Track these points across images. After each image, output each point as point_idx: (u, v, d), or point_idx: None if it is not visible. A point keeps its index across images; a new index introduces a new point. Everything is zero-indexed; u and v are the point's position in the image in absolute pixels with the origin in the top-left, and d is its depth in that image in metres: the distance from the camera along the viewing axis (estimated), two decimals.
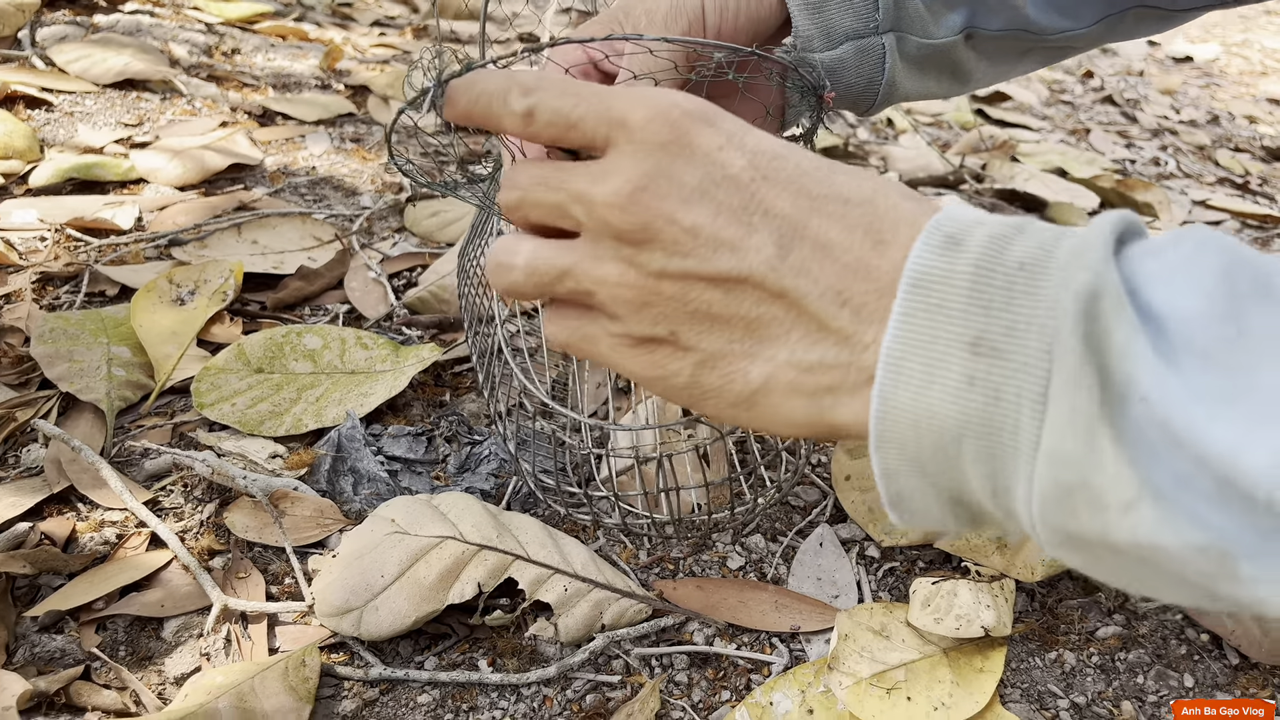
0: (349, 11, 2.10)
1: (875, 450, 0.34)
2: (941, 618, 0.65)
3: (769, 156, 0.37)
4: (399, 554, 0.65)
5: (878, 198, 0.36)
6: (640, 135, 0.37)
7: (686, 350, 0.38)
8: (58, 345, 0.84)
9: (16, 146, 1.15)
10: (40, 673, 0.61)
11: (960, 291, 0.31)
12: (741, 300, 0.36)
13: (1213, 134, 2.13)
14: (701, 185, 0.36)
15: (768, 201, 0.36)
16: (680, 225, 0.36)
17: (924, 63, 0.62)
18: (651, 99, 0.38)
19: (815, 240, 0.35)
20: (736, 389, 0.37)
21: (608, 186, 0.37)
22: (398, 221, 1.16)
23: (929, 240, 0.33)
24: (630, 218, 0.37)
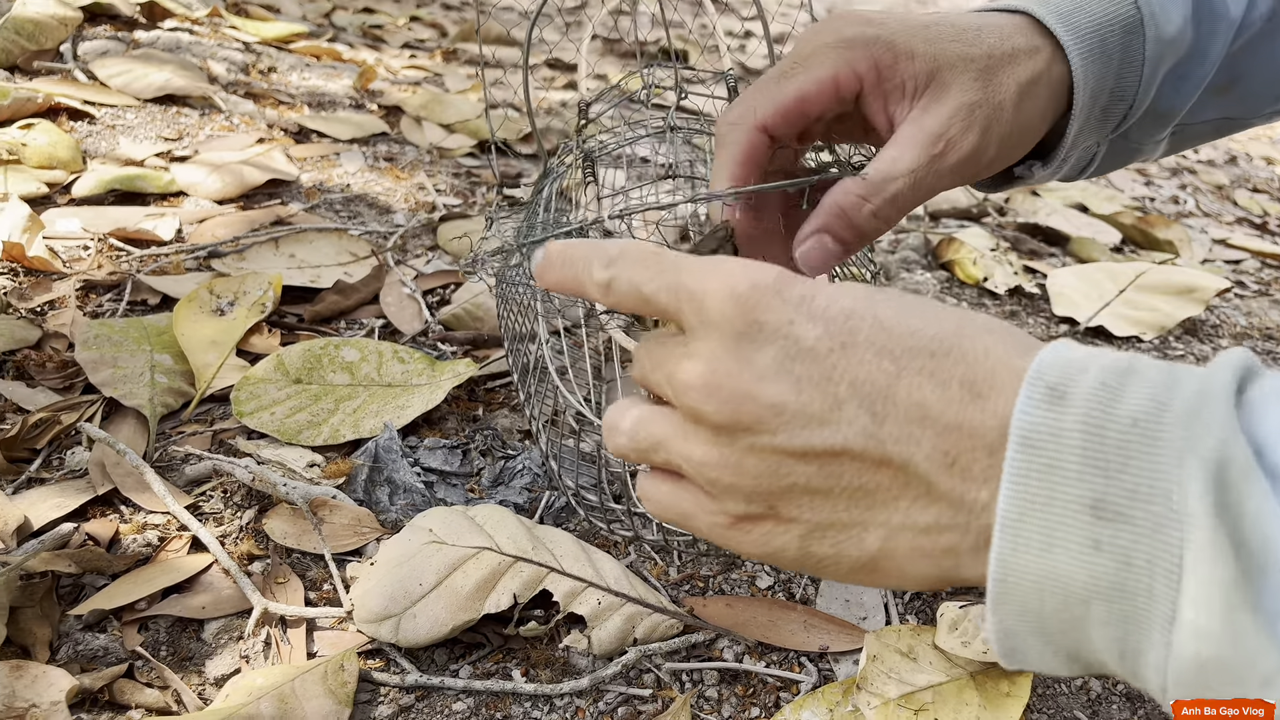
0: (380, 34, 2.14)
1: (992, 610, 0.33)
2: (969, 641, 0.66)
3: (843, 319, 0.36)
4: (437, 563, 0.66)
5: (965, 343, 0.35)
6: (710, 316, 0.37)
7: (789, 523, 0.38)
8: (102, 351, 0.86)
9: (60, 157, 1.18)
10: (84, 670, 0.62)
11: (1073, 451, 0.31)
12: (841, 472, 0.36)
13: (1231, 174, 2.15)
14: (778, 362, 0.36)
15: (851, 370, 0.35)
16: (761, 404, 0.36)
17: (1122, 158, 0.63)
18: (721, 273, 0.37)
19: (909, 403, 0.34)
20: (853, 556, 0.37)
21: (687, 371, 0.37)
22: (431, 239, 1.18)
23: (1031, 393, 0.32)
24: (711, 403, 0.36)
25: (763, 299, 0.36)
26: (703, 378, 0.37)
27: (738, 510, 0.38)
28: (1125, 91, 0.56)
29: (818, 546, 0.37)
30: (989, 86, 0.51)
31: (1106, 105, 0.56)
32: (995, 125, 0.51)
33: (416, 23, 2.30)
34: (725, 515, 0.39)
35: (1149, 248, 1.50)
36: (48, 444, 0.79)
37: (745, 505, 0.38)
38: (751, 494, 0.37)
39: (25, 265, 0.99)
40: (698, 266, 0.38)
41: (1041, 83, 0.53)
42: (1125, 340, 1.15)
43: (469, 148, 1.49)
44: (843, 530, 0.37)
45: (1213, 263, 1.50)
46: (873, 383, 0.35)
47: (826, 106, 0.52)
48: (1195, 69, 0.59)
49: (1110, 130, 0.59)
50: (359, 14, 2.26)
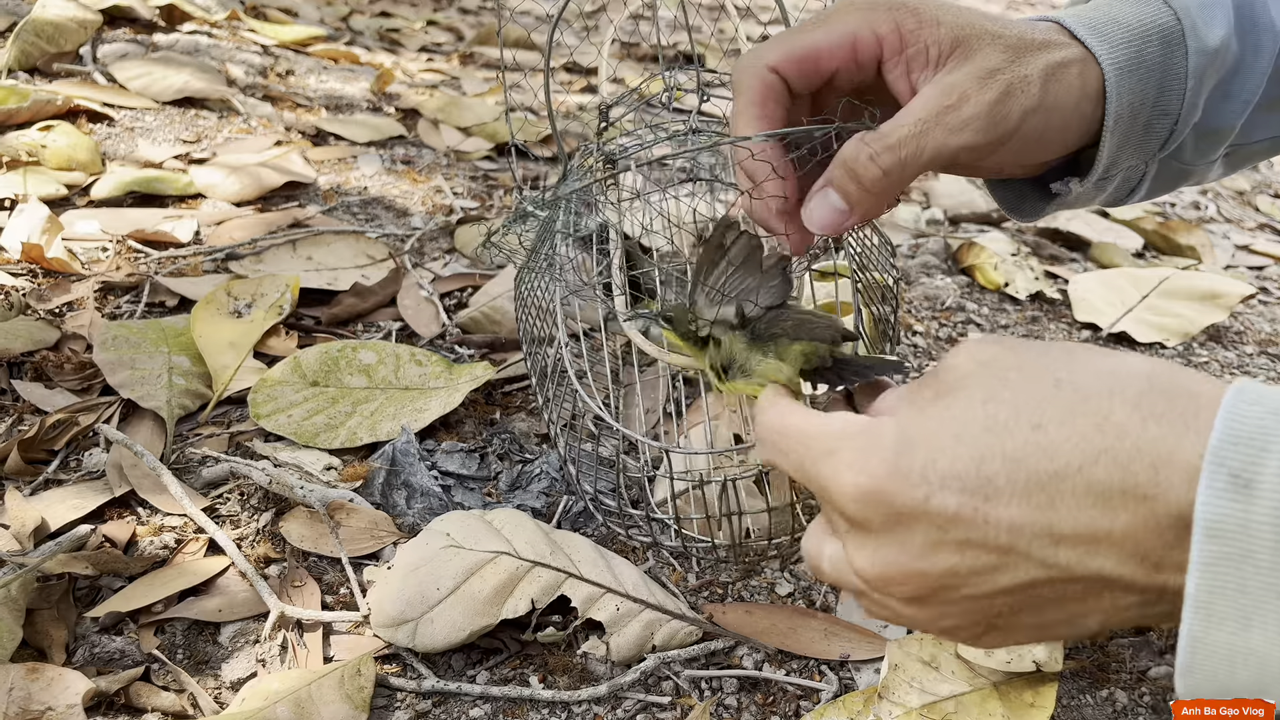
0: (397, 37, 2.14)
1: (1182, 677, 0.33)
2: (992, 651, 0.65)
3: (975, 470, 0.35)
4: (454, 568, 0.66)
5: (1112, 444, 0.33)
6: (851, 515, 0.39)
7: (1015, 630, 0.39)
8: (120, 353, 0.86)
9: (79, 159, 1.18)
10: (100, 673, 0.62)
11: (1265, 543, 0.30)
12: (1040, 594, 0.37)
13: (1252, 180, 2.13)
14: (932, 539, 0.37)
15: (1005, 519, 0.35)
16: (934, 577, 0.37)
17: (1173, 179, 0.61)
18: (839, 468, 0.38)
19: (1075, 528, 0.34)
20: (1077, 633, 0.39)
21: (859, 562, 0.39)
22: (448, 242, 1.18)
23: (1213, 483, 0.31)
24: (893, 588, 0.39)
25: (886, 489, 0.37)
26: (877, 570, 0.39)
27: (966, 635, 0.40)
28: (1169, 106, 0.54)
29: (1048, 635, 0.40)
30: (1016, 60, 0.49)
31: (1149, 121, 0.54)
32: (1018, 94, 0.49)
33: (433, 26, 2.30)
34: (959, 630, 0.40)
35: (1171, 253, 1.48)
36: (65, 445, 0.79)
37: (970, 630, 0.40)
38: (972, 625, 0.39)
39: (44, 267, 0.99)
40: (815, 454, 0.40)
41: (1073, 71, 0.51)
42: (1148, 346, 1.14)
43: (486, 151, 1.49)
44: (1064, 625, 0.38)
45: (1236, 269, 1.49)
46: (1032, 524, 0.35)
47: (842, 63, 0.51)
48: (1243, 84, 0.57)
49: (1157, 149, 0.57)
50: (376, 18, 2.26)
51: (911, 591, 0.38)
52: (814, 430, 0.41)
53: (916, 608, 0.39)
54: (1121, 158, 0.56)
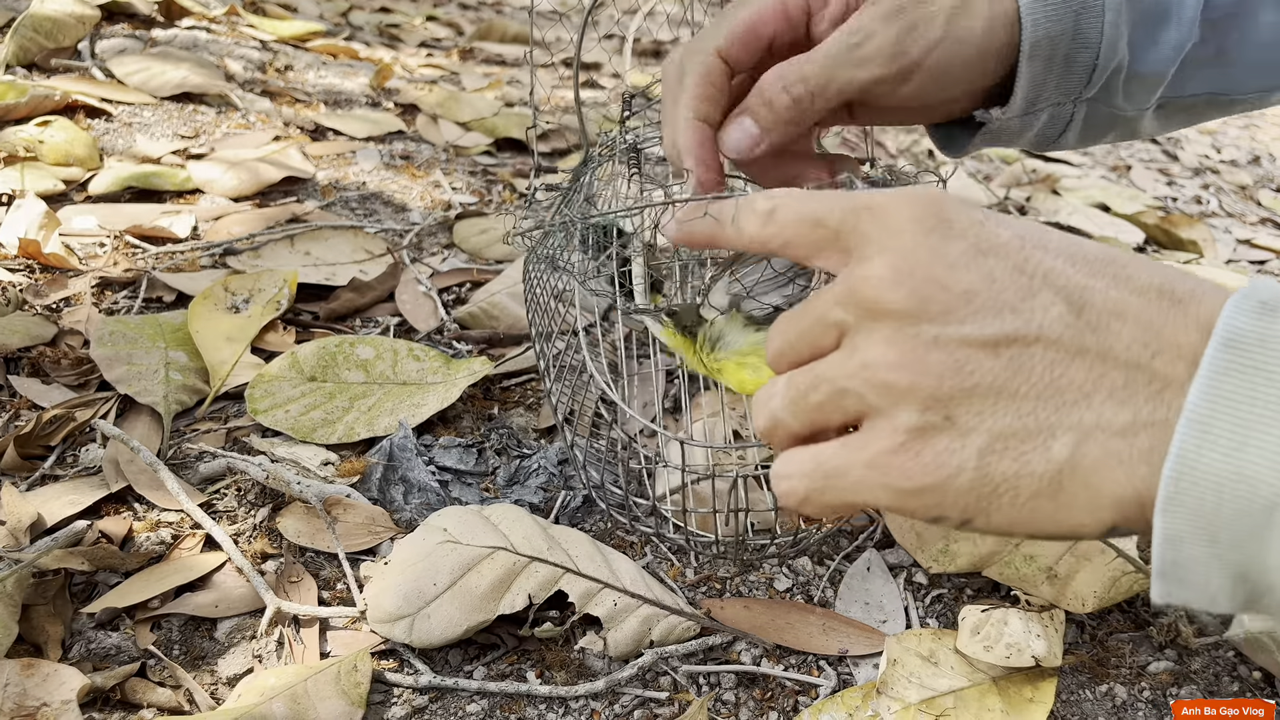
0: (397, 32, 2.14)
1: (1161, 513, 0.31)
2: (991, 646, 0.65)
3: (1032, 228, 0.36)
4: (451, 563, 0.65)
5: (1159, 266, 0.34)
6: (895, 219, 0.36)
7: (967, 434, 0.34)
8: (117, 348, 0.86)
9: (77, 154, 1.18)
10: (96, 669, 0.61)
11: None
12: (1031, 364, 0.33)
13: (1254, 174, 2.12)
14: (969, 255, 0.35)
15: (1045, 265, 0.34)
16: (952, 291, 0.34)
17: (1103, 126, 0.62)
18: (903, 190, 0.37)
19: (1106, 299, 0.33)
20: (1037, 471, 0.33)
21: (869, 266, 0.36)
22: (446, 237, 1.18)
23: (1242, 304, 0.31)
24: (895, 290, 0.35)
25: (950, 202, 0.36)
26: (891, 266, 0.35)
27: (910, 422, 0.35)
28: (1088, 37, 0.55)
29: (998, 463, 0.34)
30: None
31: (1069, 53, 0.55)
32: (922, 27, 0.52)
33: (433, 22, 2.30)
34: (894, 433, 0.35)
35: (1172, 248, 1.48)
36: (62, 441, 0.79)
37: (920, 414, 0.35)
38: (930, 398, 0.34)
39: (41, 262, 0.99)
40: (877, 190, 0.38)
41: (982, 2, 0.53)
42: None
43: (485, 146, 1.49)
44: (1027, 438, 0.33)
45: (1237, 263, 1.48)
46: (1067, 276, 0.34)
47: (777, 27, 0.54)
48: (1171, 31, 0.58)
49: (1081, 85, 0.57)
50: (376, 13, 2.25)
51: (915, 305, 0.35)
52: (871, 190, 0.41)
53: (897, 343, 0.35)
54: (1044, 91, 0.57)
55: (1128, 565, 0.70)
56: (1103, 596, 0.69)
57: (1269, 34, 0.60)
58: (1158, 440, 0.32)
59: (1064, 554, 0.71)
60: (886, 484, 0.36)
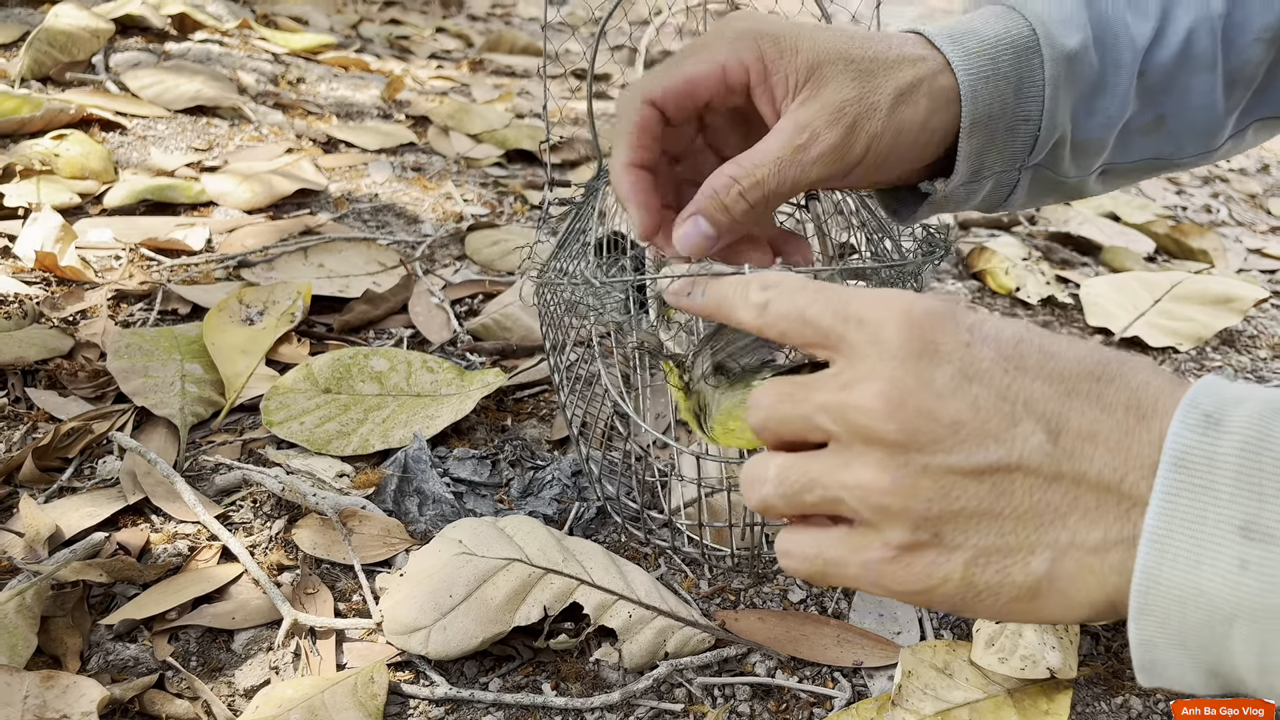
0: (407, 45, 2.15)
1: (1134, 621, 0.33)
2: (1006, 658, 0.65)
3: (1013, 344, 0.37)
4: (467, 575, 0.66)
5: (1127, 371, 0.36)
6: (884, 337, 0.37)
7: (953, 550, 0.37)
8: (133, 361, 0.86)
9: (93, 167, 1.19)
10: (114, 680, 0.62)
11: (1226, 474, 0.32)
12: (1012, 489, 0.36)
13: (1264, 183, 2.12)
14: (955, 382, 0.36)
15: (1025, 391, 0.36)
16: (940, 422, 0.36)
17: (1049, 191, 0.63)
18: (890, 298, 0.38)
19: (1080, 421, 0.35)
20: (1017, 582, 0.36)
21: (860, 394, 0.37)
22: (459, 249, 1.18)
23: (1186, 419, 0.33)
24: (888, 422, 0.36)
25: (938, 322, 0.37)
26: (883, 396, 0.36)
27: (901, 539, 0.37)
28: (1029, 113, 0.57)
29: (981, 575, 0.37)
30: (865, 86, 0.53)
31: (1011, 126, 0.57)
32: (865, 123, 0.52)
33: (443, 34, 2.31)
34: (886, 549, 0.38)
35: (1182, 257, 1.48)
36: (79, 453, 0.79)
37: (911, 533, 0.37)
38: (920, 519, 0.37)
39: (58, 275, 0.99)
40: (863, 293, 0.39)
41: (922, 90, 0.54)
42: (1161, 351, 1.14)
43: (496, 157, 1.49)
44: (1009, 555, 0.36)
45: (1248, 272, 1.48)
46: (1046, 402, 0.36)
47: (714, 92, 0.54)
48: (1108, 101, 0.60)
49: (1024, 155, 0.59)
50: (386, 25, 2.27)
51: (906, 437, 0.36)
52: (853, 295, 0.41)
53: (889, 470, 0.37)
54: (986, 162, 0.58)
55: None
56: None
57: (1202, 98, 0.62)
58: (1126, 556, 0.34)
59: None
60: (879, 584, 0.39)
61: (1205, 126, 0.64)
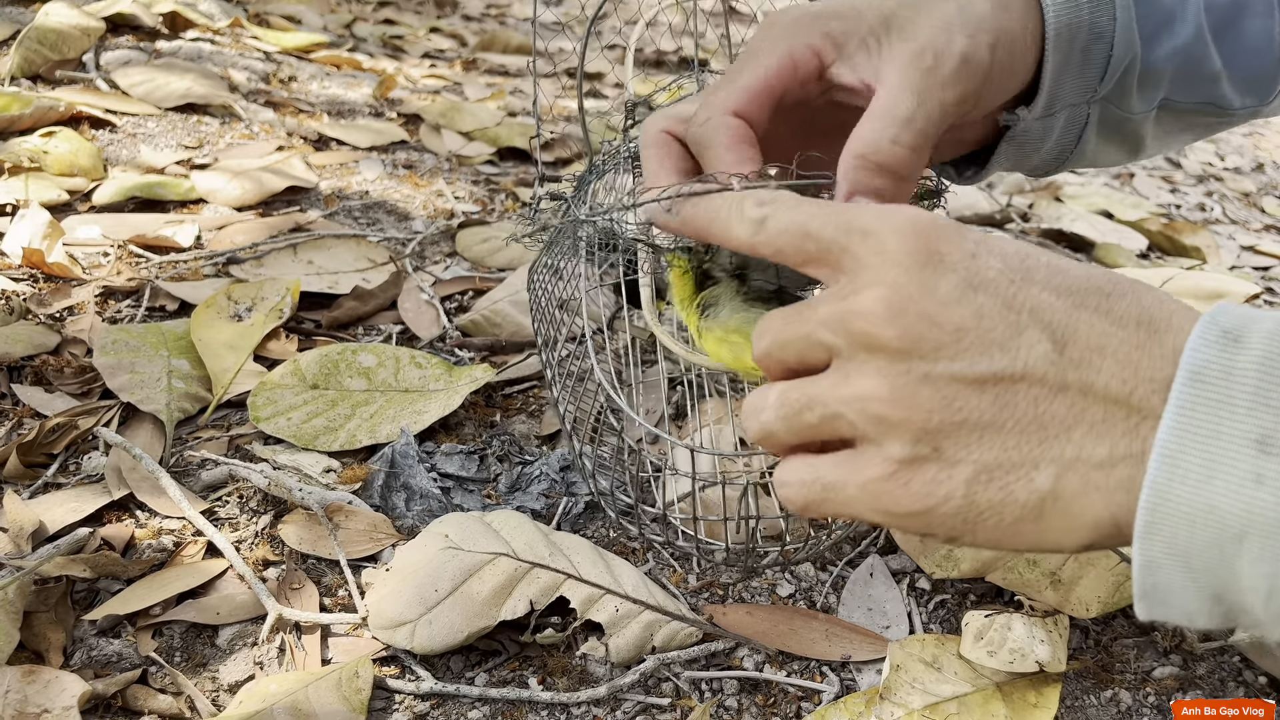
0: (400, 44, 2.15)
1: (1140, 540, 0.33)
2: (995, 651, 0.65)
3: (1020, 257, 0.36)
4: (453, 569, 0.65)
5: (1139, 290, 0.35)
6: (889, 247, 0.36)
7: (954, 465, 0.36)
8: (120, 357, 0.86)
9: (82, 165, 1.19)
10: (97, 675, 0.61)
11: (1245, 388, 0.31)
12: (1016, 400, 0.35)
13: (1258, 181, 2.12)
14: (960, 290, 0.35)
15: (1031, 300, 0.35)
16: (943, 329, 0.35)
17: (1112, 133, 0.61)
18: (895, 211, 0.37)
19: (1089, 333, 0.35)
20: (1020, 500, 0.35)
21: (862, 299, 0.36)
22: (449, 246, 1.18)
23: (1205, 334, 0.32)
24: (889, 327, 0.36)
25: (944, 232, 0.36)
26: (885, 301, 0.36)
27: (901, 453, 0.36)
28: (1102, 27, 0.54)
29: (983, 492, 0.36)
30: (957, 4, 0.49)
31: (1086, 45, 0.54)
32: (980, 30, 0.48)
33: (436, 33, 2.31)
34: (885, 463, 0.37)
35: (1176, 254, 1.48)
36: (65, 449, 0.79)
37: (911, 446, 0.36)
38: (920, 431, 0.36)
39: (45, 271, 0.99)
40: (870, 208, 0.38)
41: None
42: None
43: (488, 155, 1.49)
44: (1012, 470, 0.35)
45: (1241, 269, 1.48)
46: (1053, 312, 0.35)
47: (788, 86, 0.50)
48: (1179, 27, 0.57)
49: (1096, 82, 0.56)
50: (379, 25, 2.26)
51: (908, 343, 0.35)
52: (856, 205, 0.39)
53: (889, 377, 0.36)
54: (1063, 87, 0.55)
55: (1130, 570, 0.69)
56: (1107, 601, 0.68)
57: (1258, 41, 0.61)
58: (1134, 471, 0.33)
59: (1068, 559, 0.70)
60: (877, 507, 0.38)
61: (1259, 73, 0.62)
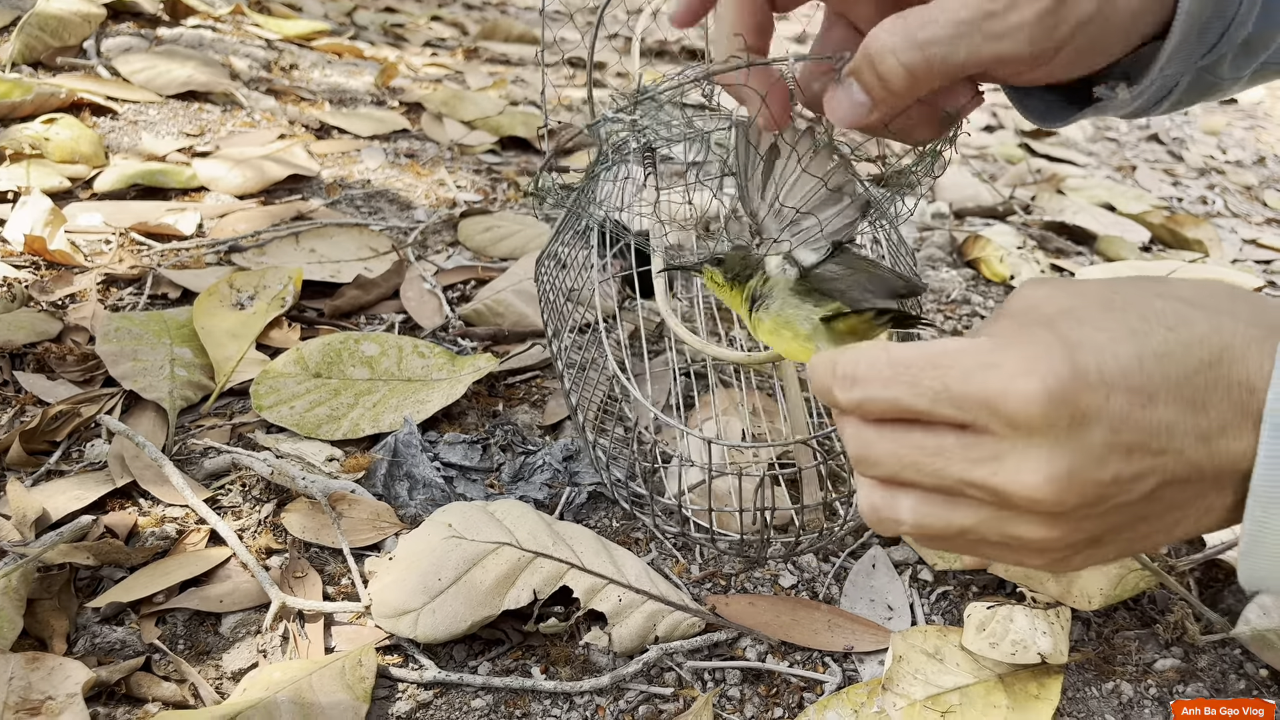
0: (401, 32, 2.14)
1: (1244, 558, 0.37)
2: (997, 643, 0.65)
3: (1138, 368, 0.36)
4: (456, 558, 0.65)
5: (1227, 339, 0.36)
6: (1025, 420, 0.36)
7: (1111, 545, 0.40)
8: (122, 344, 0.86)
9: (83, 151, 1.18)
10: (101, 663, 0.61)
11: None
12: (1168, 496, 0.38)
13: (1260, 175, 2.12)
14: (1108, 442, 0.36)
15: (1165, 420, 0.36)
16: (1104, 485, 0.37)
17: (1196, 94, 0.57)
18: (1011, 374, 0.36)
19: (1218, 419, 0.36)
20: (1160, 543, 0.40)
21: (1025, 482, 0.36)
22: (451, 235, 1.18)
23: None
24: (1058, 503, 0.37)
25: (1072, 388, 0.36)
26: (1052, 482, 0.36)
27: (1064, 555, 0.40)
28: (1227, 9, 0.49)
29: (1138, 547, 0.40)
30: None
31: (1204, 25, 0.48)
32: (1073, 3, 0.43)
33: (438, 22, 2.30)
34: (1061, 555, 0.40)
35: (1178, 247, 1.48)
36: (67, 436, 0.79)
37: (1076, 549, 0.39)
38: (1079, 543, 0.39)
39: (47, 259, 0.99)
40: (965, 370, 0.37)
41: None
42: None
43: (490, 144, 1.49)
44: (1162, 533, 0.39)
45: (1243, 262, 1.48)
46: (1184, 423, 0.36)
47: None
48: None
49: (1200, 56, 0.52)
50: (381, 13, 2.26)
51: (1074, 506, 0.37)
52: (944, 353, 0.38)
53: (1055, 528, 0.38)
54: (1172, 64, 0.50)
55: (1133, 563, 0.69)
56: (1109, 594, 0.68)
57: None
58: None
59: None
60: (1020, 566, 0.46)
61: None
